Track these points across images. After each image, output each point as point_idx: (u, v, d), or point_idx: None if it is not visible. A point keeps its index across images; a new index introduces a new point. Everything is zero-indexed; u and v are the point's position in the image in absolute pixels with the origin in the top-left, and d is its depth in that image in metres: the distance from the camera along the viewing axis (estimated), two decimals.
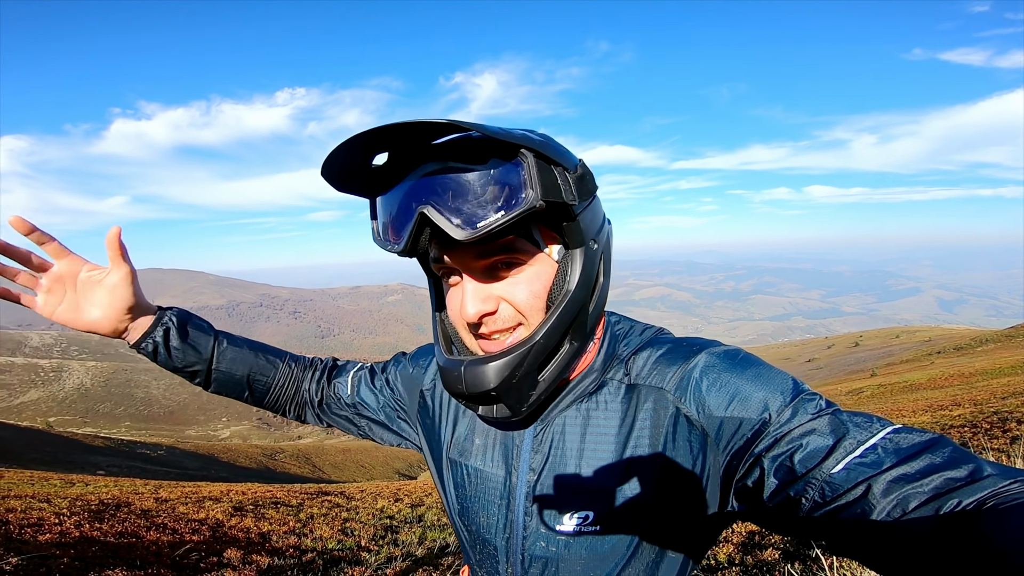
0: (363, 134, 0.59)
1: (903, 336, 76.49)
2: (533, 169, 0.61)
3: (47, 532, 5.56)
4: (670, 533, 0.72)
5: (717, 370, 0.69)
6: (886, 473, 0.52)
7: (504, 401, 0.70)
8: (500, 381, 0.68)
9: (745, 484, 0.64)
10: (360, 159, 0.66)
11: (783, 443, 0.60)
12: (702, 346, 0.74)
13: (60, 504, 7.56)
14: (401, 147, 0.66)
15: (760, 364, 0.69)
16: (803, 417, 0.61)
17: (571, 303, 0.69)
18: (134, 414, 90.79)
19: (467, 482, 0.85)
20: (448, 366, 0.72)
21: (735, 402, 0.66)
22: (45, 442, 27.68)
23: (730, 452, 0.66)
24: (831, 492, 0.54)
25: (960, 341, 49.93)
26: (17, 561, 4.12)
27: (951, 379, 25.00)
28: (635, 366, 0.76)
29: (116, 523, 6.56)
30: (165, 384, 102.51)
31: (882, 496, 0.51)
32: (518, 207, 0.61)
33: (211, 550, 5.76)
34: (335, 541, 6.77)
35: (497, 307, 0.70)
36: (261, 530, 7.25)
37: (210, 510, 8.38)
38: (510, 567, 0.80)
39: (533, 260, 0.70)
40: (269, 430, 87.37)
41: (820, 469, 0.56)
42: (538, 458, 0.77)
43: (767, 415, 0.63)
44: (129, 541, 5.74)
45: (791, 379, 0.67)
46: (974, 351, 39.56)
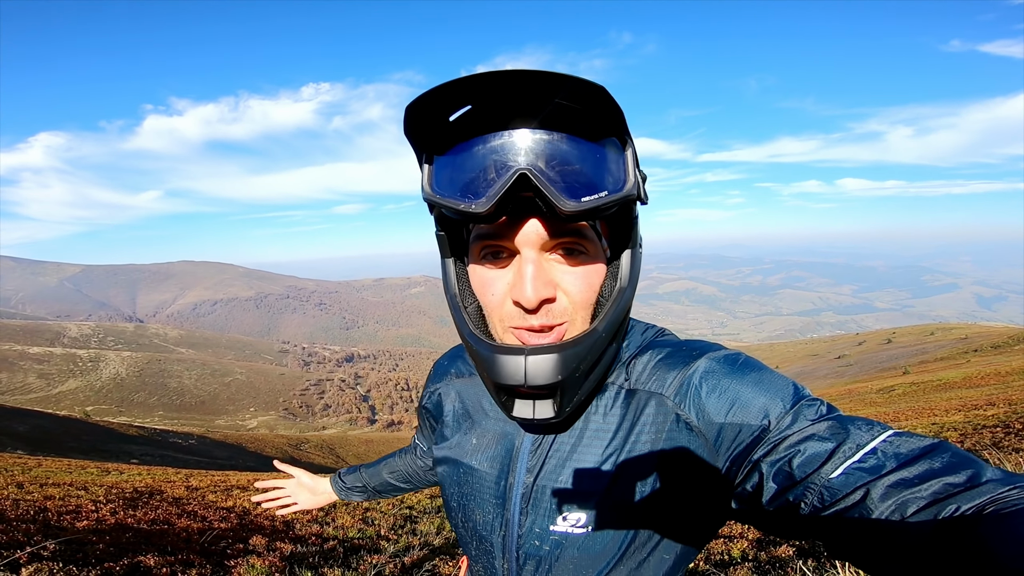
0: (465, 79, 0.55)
1: (938, 333, 74.20)
2: (634, 158, 0.61)
3: (84, 519, 5.84)
4: (663, 536, 0.73)
5: (717, 375, 0.69)
6: (885, 478, 0.52)
7: (562, 396, 0.67)
8: (567, 373, 0.65)
9: (744, 489, 0.64)
10: (441, 110, 0.60)
11: (782, 448, 0.60)
12: (702, 350, 0.73)
13: (97, 492, 7.90)
14: (487, 102, 0.59)
15: (761, 369, 0.69)
16: (803, 423, 0.61)
17: (624, 301, 0.69)
18: (167, 403, 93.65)
19: (463, 480, 0.86)
20: (505, 353, 0.66)
21: (735, 408, 0.66)
22: (83, 431, 28.83)
23: (730, 458, 0.65)
24: (830, 497, 0.54)
25: (998, 339, 48.23)
26: (54, 547, 4.33)
27: (987, 378, 24.23)
28: (635, 370, 0.75)
29: (149, 510, 6.84)
30: (196, 374, 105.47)
31: (880, 501, 0.51)
32: (620, 191, 0.60)
33: (238, 537, 5.97)
34: (356, 530, 6.93)
35: (555, 295, 0.66)
36: (285, 518, 7.46)
37: (237, 498, 8.66)
38: (505, 564, 0.81)
39: (594, 253, 0.68)
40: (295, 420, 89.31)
41: (819, 474, 0.56)
42: (535, 460, 0.77)
43: (767, 421, 0.63)
44: (161, 528, 5.98)
45: (792, 384, 0.67)
46: (1012, 349, 38.20)
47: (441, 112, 0.60)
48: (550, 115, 0.59)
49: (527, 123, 0.60)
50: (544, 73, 0.53)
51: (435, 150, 0.65)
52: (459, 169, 0.63)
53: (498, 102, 0.58)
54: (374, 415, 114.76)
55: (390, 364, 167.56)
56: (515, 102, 0.58)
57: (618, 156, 0.61)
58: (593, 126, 0.60)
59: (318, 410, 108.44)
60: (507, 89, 0.56)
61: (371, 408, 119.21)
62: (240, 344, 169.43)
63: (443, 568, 4.87)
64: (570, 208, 0.58)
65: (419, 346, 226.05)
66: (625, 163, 0.61)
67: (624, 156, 0.61)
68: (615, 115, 0.58)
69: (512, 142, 0.60)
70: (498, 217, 0.63)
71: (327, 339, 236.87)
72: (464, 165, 0.62)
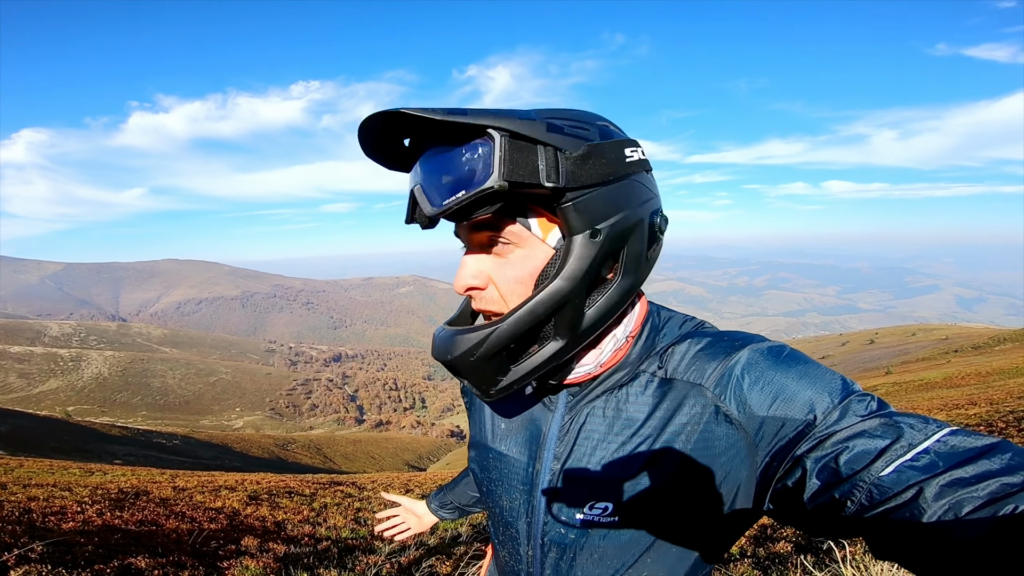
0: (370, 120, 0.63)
1: (920, 334, 75.45)
2: (501, 150, 0.60)
3: (70, 520, 5.72)
4: (692, 529, 0.71)
5: (760, 367, 0.67)
6: (939, 477, 0.50)
7: (465, 377, 0.70)
8: (455, 356, 0.68)
9: (785, 485, 0.62)
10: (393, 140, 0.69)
11: (828, 444, 0.58)
12: (745, 341, 0.71)
13: (81, 492, 7.76)
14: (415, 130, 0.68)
15: (807, 362, 0.67)
16: (852, 419, 0.59)
17: (549, 294, 0.65)
18: (150, 403, 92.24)
19: (491, 465, 0.87)
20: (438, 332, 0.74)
21: (779, 401, 0.63)
22: (64, 431, 28.27)
23: (771, 453, 0.64)
24: (879, 495, 0.53)
25: (978, 340, 49.16)
26: (42, 549, 4.23)
27: (968, 378, 24.67)
28: (672, 360, 0.73)
29: (136, 511, 6.72)
30: (180, 374, 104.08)
31: (934, 500, 0.49)
32: (477, 187, 0.60)
33: (229, 538, 5.89)
34: (349, 530, 6.88)
35: (485, 285, 0.70)
36: (276, 519, 7.38)
37: (226, 499, 8.55)
38: (530, 550, 0.81)
39: (524, 243, 0.68)
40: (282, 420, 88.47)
41: (868, 471, 0.54)
42: (563, 447, 0.76)
43: (812, 416, 0.61)
44: (150, 529, 5.88)
45: (841, 378, 0.64)
46: (992, 350, 38.92)
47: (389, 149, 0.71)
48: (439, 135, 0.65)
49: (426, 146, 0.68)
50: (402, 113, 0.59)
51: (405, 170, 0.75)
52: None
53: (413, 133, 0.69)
54: (362, 415, 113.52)
55: (378, 364, 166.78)
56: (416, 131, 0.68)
57: (479, 152, 0.61)
58: (460, 132, 0.62)
59: (305, 410, 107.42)
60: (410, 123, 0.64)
61: (359, 408, 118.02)
62: (226, 343, 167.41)
63: (440, 568, 4.83)
64: (431, 212, 0.64)
65: (408, 345, 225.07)
66: (489, 157, 0.60)
67: (486, 150, 0.60)
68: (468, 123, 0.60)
69: (417, 165, 0.68)
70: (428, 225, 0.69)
71: (314, 338, 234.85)
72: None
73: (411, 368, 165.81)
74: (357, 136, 0.66)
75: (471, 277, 0.70)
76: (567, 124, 0.64)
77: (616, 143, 0.66)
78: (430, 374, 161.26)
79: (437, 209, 0.64)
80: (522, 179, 0.60)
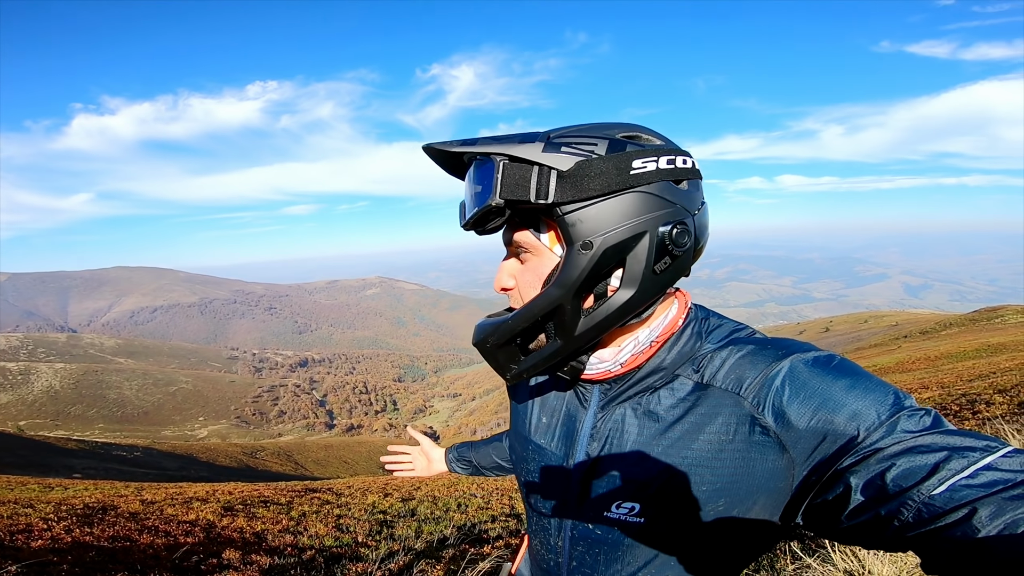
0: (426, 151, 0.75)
1: (871, 321, 78.65)
2: (499, 172, 0.67)
3: (38, 538, 5.48)
4: (717, 537, 0.71)
5: (803, 378, 0.65)
6: (996, 496, 0.49)
7: (486, 359, 0.78)
8: (477, 341, 0.77)
9: (824, 499, 0.61)
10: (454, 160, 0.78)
11: (874, 460, 0.57)
12: (791, 350, 0.69)
13: (45, 509, 7.43)
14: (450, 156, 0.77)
15: (856, 373, 0.64)
16: (901, 435, 0.57)
17: (544, 298, 0.70)
18: (107, 415, 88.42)
19: (530, 457, 0.91)
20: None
21: (821, 413, 0.62)
22: (18, 445, 26.84)
23: (809, 466, 0.63)
24: (929, 512, 0.52)
25: (925, 325, 51.46)
26: (16, 569, 4.06)
27: (918, 363, 25.83)
28: (711, 365, 0.72)
29: (106, 527, 6.48)
30: (138, 384, 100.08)
31: (989, 520, 0.48)
32: (482, 204, 0.69)
33: (209, 551, 5.75)
34: (332, 538, 6.80)
35: (514, 287, 0.79)
36: (255, 529, 7.24)
37: (199, 511, 8.32)
38: (560, 542, 0.84)
39: (536, 252, 0.74)
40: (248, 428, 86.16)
41: (919, 490, 0.53)
42: (595, 445, 0.79)
43: (857, 431, 0.59)
44: (124, 545, 5.69)
45: (893, 391, 0.62)
46: (939, 335, 40.88)
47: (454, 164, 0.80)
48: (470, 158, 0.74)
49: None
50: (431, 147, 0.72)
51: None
52: None
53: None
54: (332, 420, 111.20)
55: (347, 367, 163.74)
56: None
57: (485, 173, 0.69)
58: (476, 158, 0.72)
59: (273, 417, 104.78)
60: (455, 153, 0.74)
61: (329, 413, 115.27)
62: (184, 352, 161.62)
63: (431, 572, 4.84)
64: (462, 224, 0.76)
65: (377, 348, 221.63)
66: (492, 179, 0.68)
67: (490, 171, 0.68)
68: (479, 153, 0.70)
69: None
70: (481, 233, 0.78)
71: (279, 344, 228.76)
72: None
73: (381, 371, 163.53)
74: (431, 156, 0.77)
75: (505, 279, 0.79)
76: (570, 141, 0.68)
77: (622, 156, 0.67)
78: (400, 376, 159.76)
79: (463, 221, 0.75)
80: (516, 197, 0.67)
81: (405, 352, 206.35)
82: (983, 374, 13.81)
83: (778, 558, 3.43)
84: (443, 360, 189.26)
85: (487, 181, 0.68)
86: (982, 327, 38.26)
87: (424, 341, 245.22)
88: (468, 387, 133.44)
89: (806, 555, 3.16)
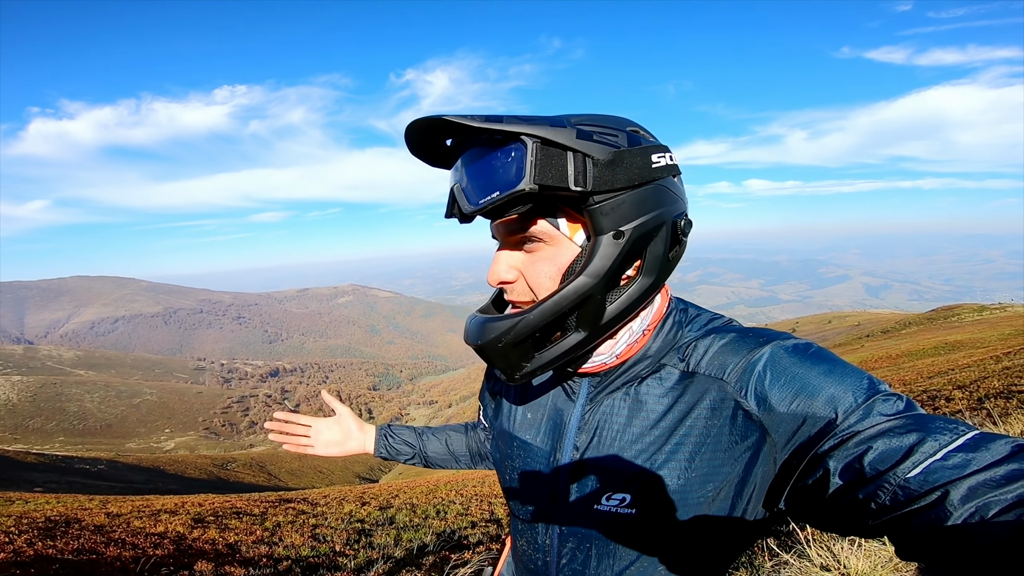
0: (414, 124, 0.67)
1: (835, 321, 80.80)
2: (533, 154, 0.63)
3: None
4: (707, 524, 0.70)
5: (784, 363, 0.66)
6: (968, 479, 0.50)
7: (493, 361, 0.74)
8: (485, 341, 0.71)
9: (804, 484, 0.62)
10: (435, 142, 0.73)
11: (852, 444, 0.58)
12: (770, 338, 0.71)
13: (6, 522, 7.13)
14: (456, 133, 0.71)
15: (832, 360, 0.66)
16: (877, 418, 0.59)
17: (573, 289, 0.68)
18: (68, 429, 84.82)
19: (514, 454, 0.88)
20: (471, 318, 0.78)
21: (800, 398, 0.63)
22: None
23: (790, 450, 0.64)
24: (904, 496, 0.52)
25: (886, 325, 53.09)
26: None
27: (880, 361, 26.64)
28: (695, 354, 0.74)
29: (70, 540, 6.24)
30: (99, 397, 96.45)
31: (960, 502, 0.49)
32: (509, 189, 0.64)
33: (179, 563, 5.58)
34: (308, 548, 6.68)
35: (516, 279, 0.75)
36: (227, 541, 7.05)
37: (168, 523, 8.07)
38: (548, 539, 0.82)
39: (553, 242, 0.72)
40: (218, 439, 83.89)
41: (895, 472, 0.54)
42: (583, 437, 0.78)
43: (835, 413, 0.60)
44: (89, 558, 5.48)
45: (867, 377, 0.64)
46: (899, 334, 42.21)
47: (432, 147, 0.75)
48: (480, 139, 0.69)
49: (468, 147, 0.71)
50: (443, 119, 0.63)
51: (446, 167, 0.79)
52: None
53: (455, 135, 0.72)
54: None
55: (319, 377, 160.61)
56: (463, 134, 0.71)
57: (513, 156, 0.65)
58: (502, 139, 0.66)
59: (243, 427, 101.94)
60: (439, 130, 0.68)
61: None
62: (148, 363, 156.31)
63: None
64: (468, 210, 0.70)
65: (350, 356, 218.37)
66: (521, 161, 0.64)
67: (519, 154, 0.64)
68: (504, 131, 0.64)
69: (457, 164, 0.73)
70: (465, 221, 0.74)
71: (248, 354, 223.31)
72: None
73: (355, 379, 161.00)
74: (404, 137, 0.70)
75: (504, 271, 0.75)
76: (596, 131, 0.67)
77: (643, 149, 0.68)
78: (375, 384, 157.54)
79: (474, 207, 0.68)
80: (551, 183, 0.64)
81: (380, 360, 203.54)
82: (942, 371, 14.33)
83: (756, 555, 3.50)
84: (418, 367, 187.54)
85: (515, 164, 0.64)
86: (940, 325, 39.76)
87: (399, 349, 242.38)
88: (444, 394, 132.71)
89: (783, 551, 3.23)
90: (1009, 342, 20.11)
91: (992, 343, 22.07)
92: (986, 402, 7.17)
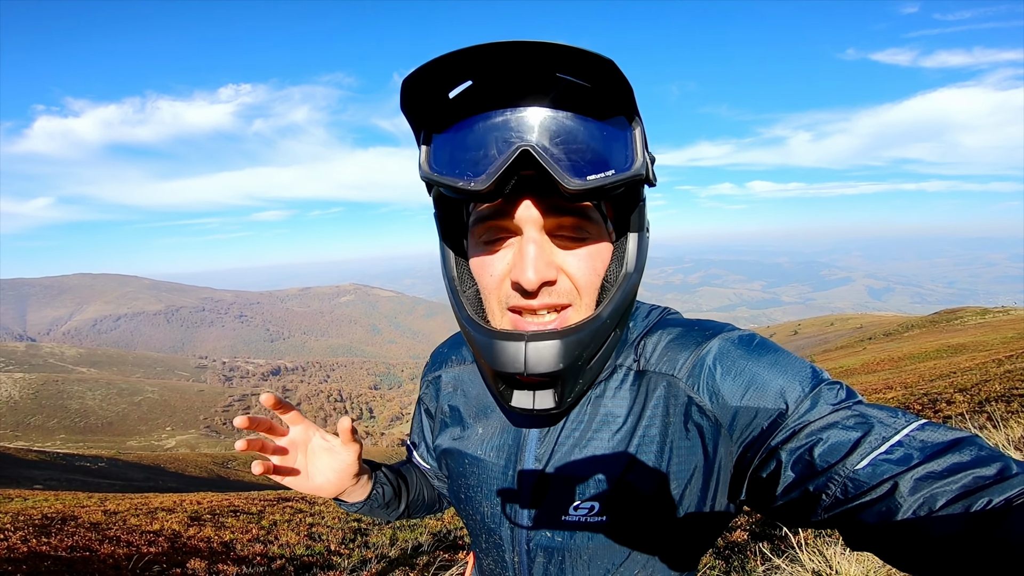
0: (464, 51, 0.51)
1: (837, 323, 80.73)
2: (642, 137, 0.59)
3: None
4: (677, 524, 0.69)
5: (732, 357, 0.66)
6: (914, 470, 0.50)
7: (563, 385, 0.65)
8: (569, 361, 0.62)
9: (759, 476, 0.62)
10: (441, 84, 0.57)
11: (802, 436, 0.57)
12: (715, 331, 0.70)
13: (2, 520, 7.13)
14: (489, 76, 0.57)
15: (777, 351, 0.66)
16: (824, 408, 0.58)
17: (630, 286, 0.66)
18: (69, 426, 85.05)
19: (468, 471, 0.82)
20: (504, 339, 0.63)
21: (751, 391, 0.63)
22: None
23: (744, 443, 0.63)
24: (854, 489, 0.52)
25: (888, 327, 53.04)
26: None
27: (882, 363, 26.62)
28: (644, 351, 0.72)
29: (65, 537, 6.23)
30: (101, 394, 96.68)
31: (909, 494, 0.49)
32: (628, 170, 0.57)
33: (172, 561, 5.56)
34: (303, 547, 6.65)
35: (557, 277, 0.64)
36: (223, 539, 7.03)
37: (164, 521, 8.06)
38: (516, 556, 0.77)
39: (598, 235, 0.65)
40: (219, 438, 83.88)
41: (843, 465, 0.54)
42: (544, 448, 0.74)
43: (784, 405, 0.60)
44: (83, 555, 5.47)
45: (810, 367, 0.64)
46: (901, 336, 42.15)
47: (440, 87, 0.57)
48: (555, 90, 0.57)
49: (531, 99, 0.57)
50: (548, 45, 0.49)
51: (435, 127, 0.62)
52: (459, 147, 0.60)
53: (500, 77, 0.56)
54: None
55: (321, 376, 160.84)
56: (518, 77, 0.56)
57: (626, 134, 0.58)
58: (600, 102, 0.57)
59: None
60: (509, 63, 0.53)
61: None
62: (150, 361, 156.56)
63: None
64: (575, 187, 0.56)
65: (351, 355, 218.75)
66: (633, 141, 0.58)
67: (632, 134, 0.58)
68: (623, 91, 0.55)
69: (515, 119, 0.58)
70: (497, 196, 0.61)
71: (250, 352, 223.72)
72: (465, 142, 0.60)
73: (356, 378, 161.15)
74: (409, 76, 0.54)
75: (547, 267, 0.62)
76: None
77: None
78: (376, 383, 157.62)
79: (580, 183, 0.56)
80: (646, 173, 0.60)
81: (381, 359, 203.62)
82: (944, 374, 14.28)
83: (748, 559, 3.46)
84: (419, 367, 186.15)
85: (624, 143, 0.58)
86: (942, 328, 39.62)
87: (400, 348, 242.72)
88: None
89: (775, 556, 3.20)
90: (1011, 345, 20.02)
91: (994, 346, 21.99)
92: (987, 405, 7.12)
